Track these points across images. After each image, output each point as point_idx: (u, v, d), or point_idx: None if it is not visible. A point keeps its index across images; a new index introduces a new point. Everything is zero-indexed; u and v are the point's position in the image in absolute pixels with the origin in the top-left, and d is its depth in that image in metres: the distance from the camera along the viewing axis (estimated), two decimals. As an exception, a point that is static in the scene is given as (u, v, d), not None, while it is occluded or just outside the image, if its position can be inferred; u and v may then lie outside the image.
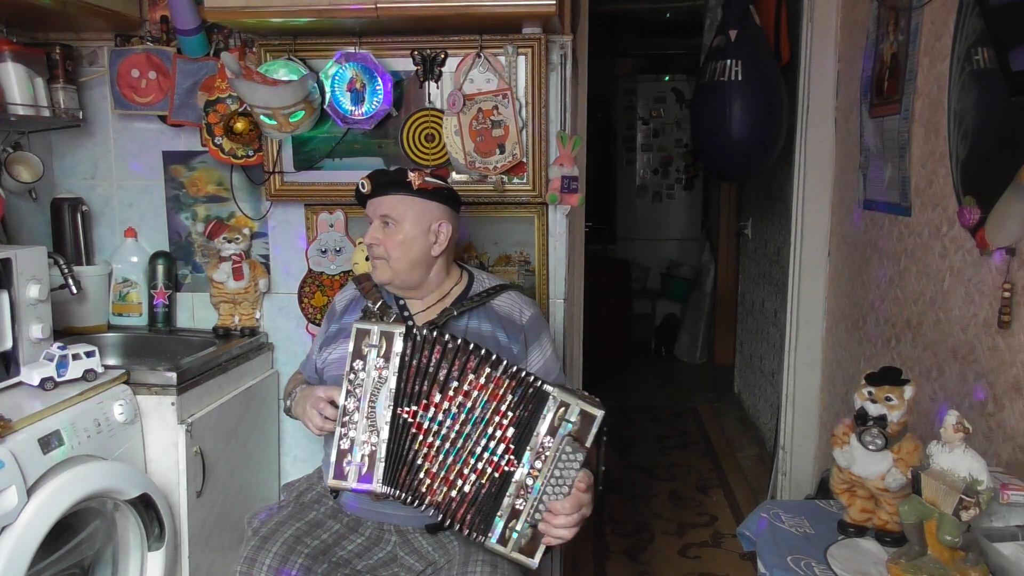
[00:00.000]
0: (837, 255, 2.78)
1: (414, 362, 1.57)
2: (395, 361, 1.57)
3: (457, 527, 1.56)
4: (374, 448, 1.57)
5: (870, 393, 1.37)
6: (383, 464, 1.56)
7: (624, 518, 3.28)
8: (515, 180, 2.22)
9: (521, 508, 1.52)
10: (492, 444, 1.54)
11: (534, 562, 1.52)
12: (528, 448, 1.52)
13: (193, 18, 2.22)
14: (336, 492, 1.74)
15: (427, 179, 1.75)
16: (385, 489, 1.57)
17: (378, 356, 1.57)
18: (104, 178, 2.49)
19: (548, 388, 1.53)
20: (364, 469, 1.56)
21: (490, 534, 1.53)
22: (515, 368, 1.56)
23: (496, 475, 1.54)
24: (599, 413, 1.50)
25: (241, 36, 2.30)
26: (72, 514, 1.70)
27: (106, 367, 1.95)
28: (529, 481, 1.52)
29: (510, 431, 1.54)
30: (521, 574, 1.64)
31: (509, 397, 1.54)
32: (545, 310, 2.29)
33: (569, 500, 1.51)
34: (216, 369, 2.16)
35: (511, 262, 2.32)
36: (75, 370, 1.85)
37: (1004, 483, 1.30)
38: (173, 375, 1.97)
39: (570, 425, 1.50)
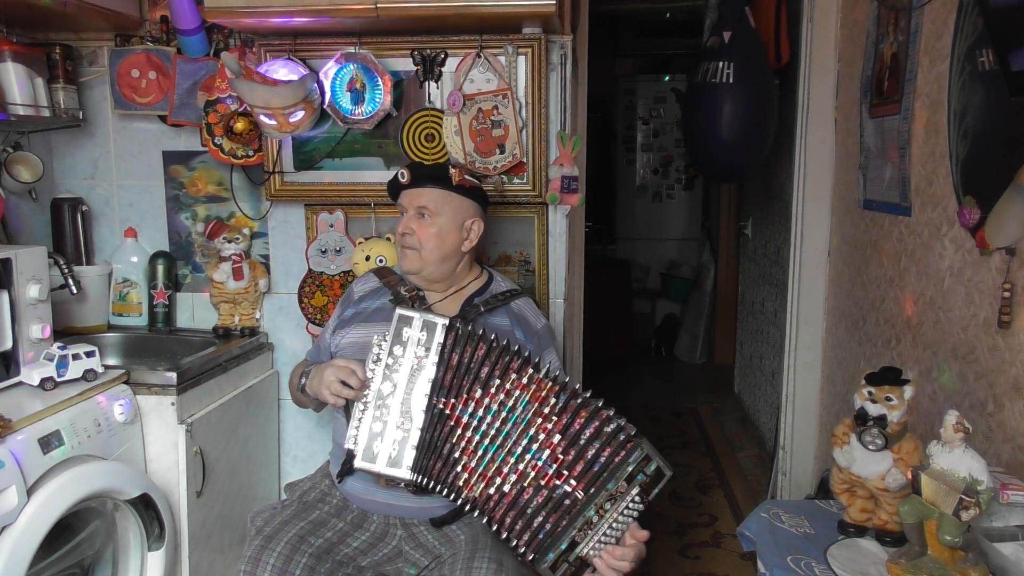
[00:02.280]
0: (837, 255, 2.78)
1: (454, 355, 1.59)
2: (435, 351, 1.59)
3: (495, 528, 1.56)
4: (406, 434, 1.59)
5: (870, 393, 1.37)
6: (415, 452, 1.58)
7: (624, 518, 3.27)
8: (515, 180, 2.23)
9: (579, 541, 1.52)
10: (534, 447, 1.54)
11: None
12: (605, 489, 1.52)
13: (193, 18, 2.22)
14: (341, 477, 1.74)
15: (466, 177, 1.82)
16: (413, 477, 1.58)
17: (418, 344, 1.60)
18: (104, 178, 2.49)
19: (639, 439, 1.54)
20: (394, 454, 1.58)
21: (547, 557, 1.53)
22: (595, 402, 1.55)
23: (542, 483, 1.54)
24: (669, 474, 1.53)
25: (241, 36, 2.30)
26: (72, 514, 1.70)
27: (106, 367, 1.96)
28: (595, 519, 1.52)
29: (556, 437, 1.54)
30: (527, 574, 1.64)
31: (552, 400, 1.55)
32: (545, 310, 2.29)
33: (632, 549, 1.52)
34: (216, 369, 2.16)
35: (511, 262, 2.32)
36: (75, 370, 1.85)
37: (1004, 483, 1.30)
38: (173, 375, 1.97)
39: (644, 477, 1.52)
